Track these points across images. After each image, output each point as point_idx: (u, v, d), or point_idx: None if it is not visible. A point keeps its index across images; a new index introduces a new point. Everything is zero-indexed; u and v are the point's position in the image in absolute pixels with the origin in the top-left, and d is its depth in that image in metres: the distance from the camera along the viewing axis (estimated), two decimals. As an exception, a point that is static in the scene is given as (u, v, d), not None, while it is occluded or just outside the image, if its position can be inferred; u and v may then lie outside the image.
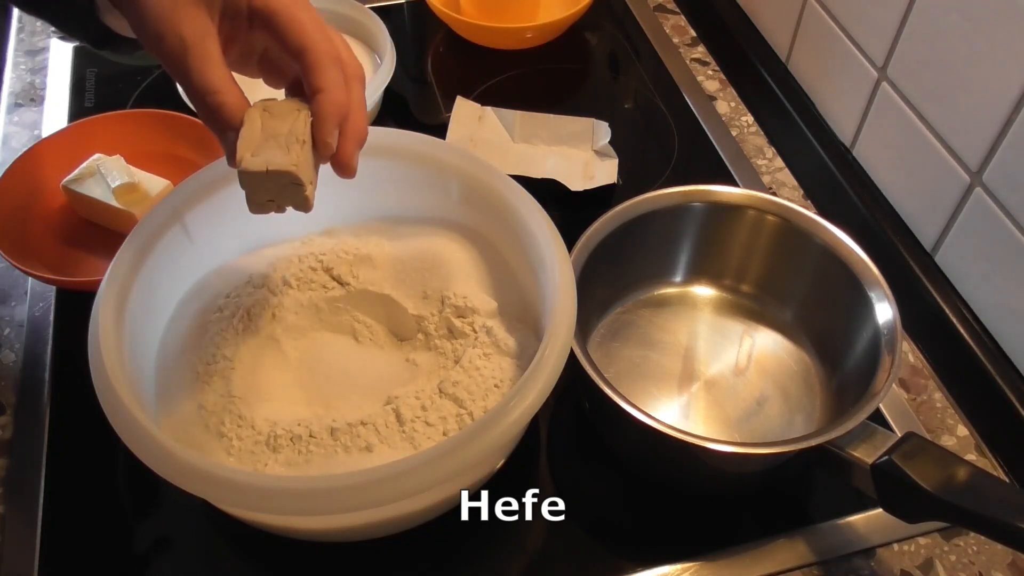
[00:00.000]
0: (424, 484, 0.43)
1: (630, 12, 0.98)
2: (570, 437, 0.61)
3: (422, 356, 0.56)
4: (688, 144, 0.83)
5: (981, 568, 0.55)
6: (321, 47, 0.43)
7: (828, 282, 0.61)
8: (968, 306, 0.64)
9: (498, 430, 0.45)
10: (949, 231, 0.65)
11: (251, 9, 0.43)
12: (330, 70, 0.43)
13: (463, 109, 0.82)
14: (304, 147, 0.43)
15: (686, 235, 0.65)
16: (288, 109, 0.44)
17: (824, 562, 0.55)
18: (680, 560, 0.55)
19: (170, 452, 0.43)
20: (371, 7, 0.87)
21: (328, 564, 0.54)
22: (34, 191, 0.72)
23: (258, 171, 0.42)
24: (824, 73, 0.78)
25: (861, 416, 0.50)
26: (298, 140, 0.43)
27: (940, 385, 0.65)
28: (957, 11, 0.59)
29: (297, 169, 0.42)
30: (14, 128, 0.84)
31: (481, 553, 0.55)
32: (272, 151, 0.42)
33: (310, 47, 0.43)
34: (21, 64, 0.91)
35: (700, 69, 0.92)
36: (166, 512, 0.57)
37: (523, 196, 0.56)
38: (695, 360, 0.63)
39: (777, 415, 0.60)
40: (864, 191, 0.72)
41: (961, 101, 0.61)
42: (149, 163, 0.72)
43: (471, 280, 0.58)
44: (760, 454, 0.51)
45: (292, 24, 0.43)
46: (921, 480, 0.47)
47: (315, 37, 0.43)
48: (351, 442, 0.50)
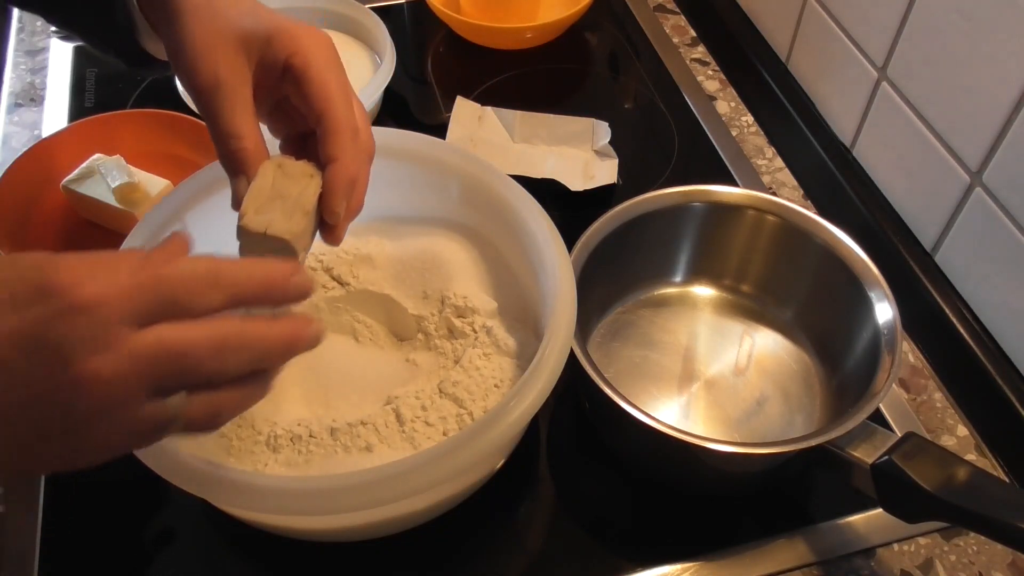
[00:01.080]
0: (424, 484, 0.43)
1: (630, 12, 0.98)
2: (570, 437, 0.61)
3: (422, 356, 0.56)
4: (688, 144, 0.83)
5: (981, 568, 0.55)
6: (343, 116, 0.43)
7: (828, 282, 0.61)
8: (968, 306, 0.64)
9: (498, 430, 0.45)
10: (949, 231, 0.65)
11: (287, 64, 0.44)
12: (348, 140, 0.44)
13: (463, 109, 0.82)
14: (306, 218, 0.43)
15: (686, 235, 0.65)
16: (302, 172, 0.44)
17: (824, 562, 0.55)
18: (680, 560, 0.55)
19: (170, 452, 0.43)
20: (371, 7, 0.87)
21: (328, 564, 0.54)
22: (34, 191, 0.72)
23: (257, 231, 0.42)
24: (824, 73, 0.78)
25: (861, 416, 0.50)
26: (303, 209, 0.43)
27: (940, 385, 0.65)
28: (957, 11, 0.59)
29: (294, 239, 0.42)
30: (14, 128, 0.84)
31: (481, 553, 0.55)
32: (275, 213, 0.42)
33: (332, 114, 0.43)
34: (21, 64, 0.91)
35: (700, 69, 0.92)
36: (166, 512, 0.57)
37: (523, 196, 0.56)
38: (695, 360, 0.63)
39: (777, 415, 0.60)
40: (864, 191, 0.72)
41: (961, 101, 0.61)
42: (149, 163, 0.72)
43: (471, 280, 0.58)
44: (760, 454, 0.51)
45: (321, 88, 0.43)
46: (921, 480, 0.47)
47: (339, 105, 0.44)
48: (351, 442, 0.50)
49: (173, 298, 0.33)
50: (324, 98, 0.43)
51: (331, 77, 0.44)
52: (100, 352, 0.31)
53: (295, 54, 0.44)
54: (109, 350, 0.31)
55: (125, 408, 0.32)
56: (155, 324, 0.32)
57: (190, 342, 0.33)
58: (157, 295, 0.32)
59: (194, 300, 0.33)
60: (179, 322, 0.33)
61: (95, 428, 0.32)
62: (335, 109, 0.43)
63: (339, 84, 0.44)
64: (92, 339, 0.31)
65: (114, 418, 0.32)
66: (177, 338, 0.33)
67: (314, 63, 0.44)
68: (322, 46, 0.45)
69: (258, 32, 0.44)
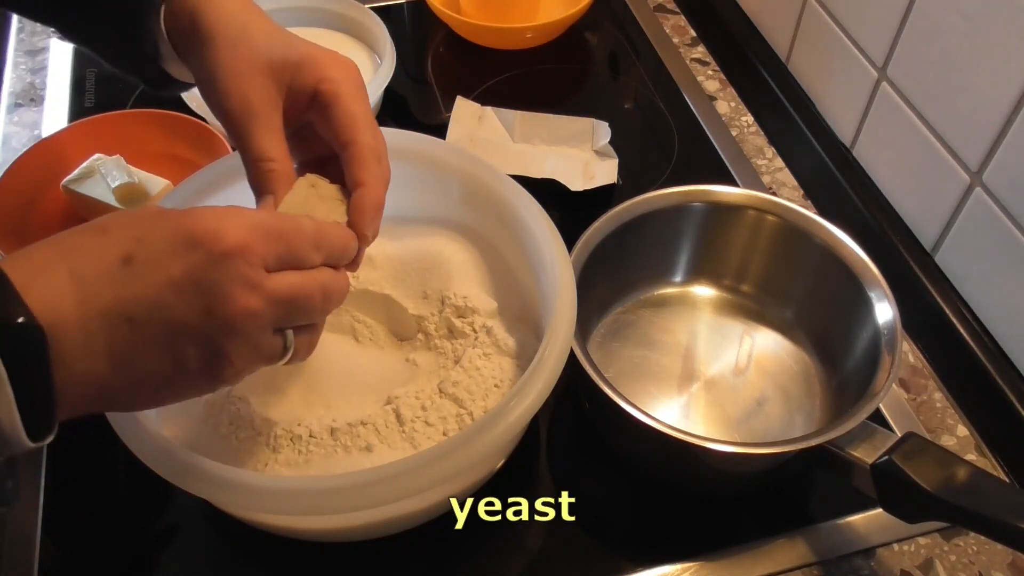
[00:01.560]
0: (424, 484, 0.43)
1: (630, 12, 0.98)
2: (570, 437, 0.61)
3: (422, 356, 0.56)
4: (688, 144, 0.83)
5: (981, 568, 0.55)
6: (370, 144, 0.45)
7: (828, 282, 0.61)
8: (968, 306, 0.64)
9: (498, 430, 0.45)
10: (949, 231, 0.65)
11: (316, 91, 0.45)
12: (374, 166, 0.45)
13: (463, 109, 0.82)
14: None
15: (686, 235, 0.65)
16: (332, 195, 0.45)
17: (824, 562, 0.55)
18: (680, 560, 0.55)
19: (170, 452, 0.43)
20: (371, 7, 0.87)
21: (328, 564, 0.54)
22: (34, 191, 0.72)
23: None
24: (824, 73, 0.78)
25: (861, 416, 0.50)
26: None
27: (940, 385, 0.65)
28: (957, 11, 0.59)
29: None
30: (14, 128, 0.84)
31: (481, 553, 0.55)
32: None
33: (361, 141, 0.45)
34: (21, 64, 0.91)
35: (700, 69, 0.92)
36: (166, 512, 0.57)
37: (523, 196, 0.56)
38: (695, 360, 0.63)
39: (777, 415, 0.60)
40: (864, 191, 0.72)
41: (961, 101, 0.61)
42: (149, 163, 0.72)
43: (471, 280, 0.58)
44: (760, 454, 0.51)
45: (349, 116, 0.45)
46: (921, 480, 0.47)
47: (367, 133, 0.45)
48: (351, 442, 0.50)
49: (292, 251, 0.39)
50: (352, 126, 0.45)
51: (359, 106, 0.45)
52: (248, 291, 0.36)
53: (323, 81, 0.45)
54: (255, 290, 0.36)
55: (258, 339, 0.38)
56: (280, 271, 0.38)
57: (309, 289, 0.39)
58: (281, 246, 0.38)
59: (305, 255, 0.39)
60: (298, 271, 0.39)
61: (231, 357, 0.37)
62: (363, 137, 0.45)
63: (365, 112, 0.46)
64: (243, 279, 0.36)
65: (249, 348, 0.38)
66: (301, 285, 0.39)
67: (343, 92, 0.45)
68: (350, 74, 0.46)
69: (288, 60, 0.45)
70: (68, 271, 0.34)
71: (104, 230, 0.36)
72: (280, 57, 0.45)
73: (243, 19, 0.46)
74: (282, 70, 0.45)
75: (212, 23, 0.45)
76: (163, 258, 0.35)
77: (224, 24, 0.45)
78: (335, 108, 0.45)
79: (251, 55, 0.45)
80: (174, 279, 0.35)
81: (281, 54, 0.45)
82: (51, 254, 0.35)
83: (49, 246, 0.35)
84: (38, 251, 0.35)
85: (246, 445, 0.50)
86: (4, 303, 0.32)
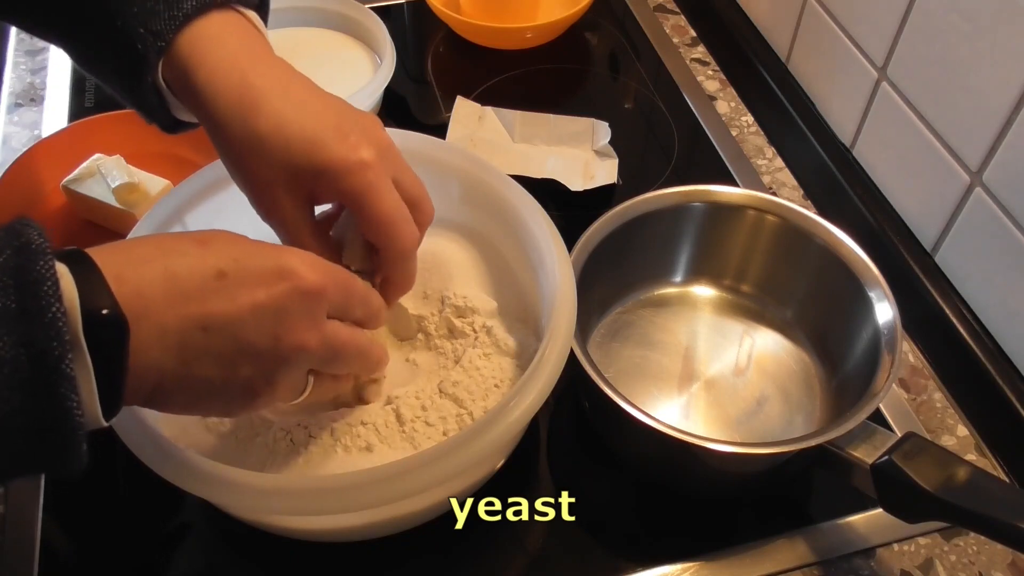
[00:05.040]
0: (424, 484, 0.43)
1: (630, 12, 0.98)
2: (570, 437, 0.61)
3: (422, 356, 0.56)
4: (688, 144, 0.83)
5: (981, 568, 0.55)
6: (403, 244, 0.46)
7: (828, 282, 0.61)
8: (968, 306, 0.64)
9: (498, 430, 0.45)
10: (949, 231, 0.65)
11: (339, 192, 0.45)
12: (406, 265, 0.48)
13: (463, 109, 0.82)
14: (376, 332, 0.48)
15: (686, 235, 0.65)
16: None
17: (824, 562, 0.55)
18: (680, 560, 0.55)
19: (170, 452, 0.43)
20: (371, 7, 0.87)
21: (328, 564, 0.54)
22: (34, 191, 0.72)
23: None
24: (824, 73, 0.78)
25: (861, 416, 0.50)
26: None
27: (940, 385, 0.65)
28: (957, 11, 0.59)
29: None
30: (14, 128, 0.84)
31: (481, 553, 0.55)
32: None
33: (394, 243, 0.46)
34: (21, 64, 0.91)
35: (700, 69, 0.92)
36: (166, 512, 0.57)
37: (523, 196, 0.56)
38: (695, 360, 0.63)
39: (777, 415, 0.60)
40: (864, 191, 0.72)
41: (961, 101, 0.61)
42: (149, 163, 0.72)
43: (471, 280, 0.58)
44: (760, 454, 0.51)
45: (374, 223, 0.45)
46: (921, 480, 0.47)
47: (398, 232, 0.46)
48: (351, 442, 0.50)
49: (348, 304, 0.43)
50: (379, 232, 0.45)
51: (385, 204, 0.45)
52: (312, 329, 0.40)
53: (345, 194, 0.44)
54: (315, 328, 0.40)
55: (299, 374, 0.41)
56: (334, 319, 0.42)
57: (351, 344, 0.43)
58: (342, 296, 0.42)
59: (355, 310, 0.43)
60: (347, 326, 0.43)
61: (276, 383, 0.40)
62: (395, 238, 0.46)
63: (394, 206, 0.45)
64: (311, 316, 0.40)
65: (290, 379, 0.40)
66: (347, 338, 0.42)
67: (367, 199, 0.44)
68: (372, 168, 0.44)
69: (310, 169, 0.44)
70: (164, 268, 0.36)
71: (205, 243, 0.39)
72: (302, 165, 0.44)
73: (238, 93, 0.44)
74: (303, 179, 0.44)
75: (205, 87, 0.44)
76: (253, 281, 0.38)
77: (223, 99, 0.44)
78: (362, 213, 0.45)
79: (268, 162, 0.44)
80: (258, 302, 0.38)
81: (302, 162, 0.43)
82: (151, 251, 0.37)
83: (148, 243, 0.38)
84: (138, 245, 0.38)
85: (246, 445, 0.50)
86: (95, 293, 0.34)
